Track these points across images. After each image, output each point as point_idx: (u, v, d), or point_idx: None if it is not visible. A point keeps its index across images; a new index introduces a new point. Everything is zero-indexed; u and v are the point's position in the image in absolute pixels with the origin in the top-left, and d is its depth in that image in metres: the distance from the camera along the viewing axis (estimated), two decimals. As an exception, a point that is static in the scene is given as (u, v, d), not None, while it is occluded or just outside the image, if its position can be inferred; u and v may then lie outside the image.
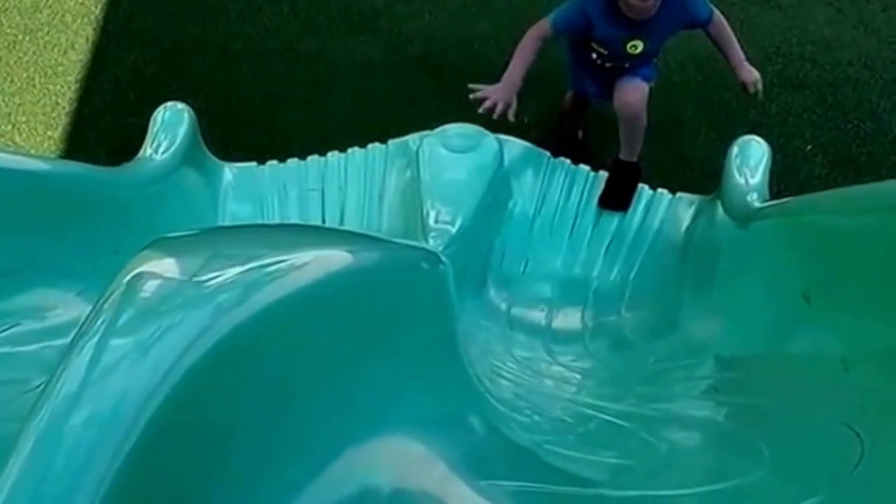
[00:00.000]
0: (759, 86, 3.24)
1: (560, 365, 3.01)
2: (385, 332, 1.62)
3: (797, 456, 1.74)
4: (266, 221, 3.37)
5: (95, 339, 1.20)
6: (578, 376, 2.96)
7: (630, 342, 3.15)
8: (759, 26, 4.02)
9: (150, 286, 1.30)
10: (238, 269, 1.38)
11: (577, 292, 3.36)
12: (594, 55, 3.31)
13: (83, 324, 1.23)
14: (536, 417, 2.31)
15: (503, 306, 3.32)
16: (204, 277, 1.34)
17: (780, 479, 1.68)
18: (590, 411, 2.53)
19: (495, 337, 3.13)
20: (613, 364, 3.05)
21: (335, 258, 1.57)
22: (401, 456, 1.52)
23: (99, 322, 1.22)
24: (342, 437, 1.45)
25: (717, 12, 3.28)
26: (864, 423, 1.68)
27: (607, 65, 3.32)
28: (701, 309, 2.97)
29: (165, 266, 1.37)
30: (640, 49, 3.23)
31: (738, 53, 3.27)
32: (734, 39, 3.29)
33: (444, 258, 1.89)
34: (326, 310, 1.48)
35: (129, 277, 1.31)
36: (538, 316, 3.30)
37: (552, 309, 3.32)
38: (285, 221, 3.38)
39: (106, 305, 1.25)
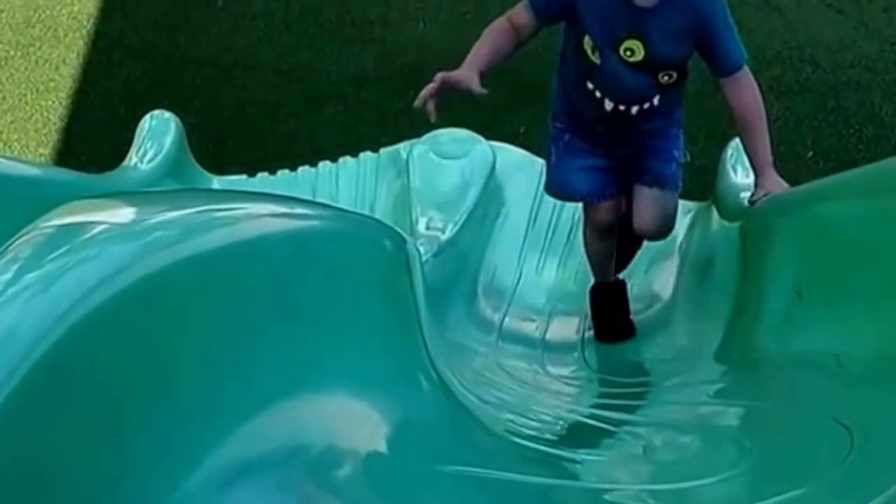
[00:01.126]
0: None
1: (553, 376, 2.94)
2: (335, 299, 1.56)
3: (783, 451, 1.69)
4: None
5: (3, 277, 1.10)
6: (573, 388, 2.89)
7: (626, 352, 3.08)
8: (759, 29, 3.95)
9: (75, 225, 1.21)
10: (182, 213, 1.31)
11: (572, 304, 3.28)
12: (589, 84, 2.64)
13: None
14: (521, 419, 2.23)
15: (495, 318, 3.24)
16: (138, 218, 1.26)
17: (764, 472, 1.62)
18: (581, 419, 2.46)
19: (486, 348, 3.05)
20: (609, 374, 2.98)
21: (291, 217, 1.52)
22: (338, 415, 1.45)
23: (6, 259, 1.13)
24: (279, 390, 1.37)
25: (746, 70, 2.62)
26: (855, 417, 1.63)
27: (607, 105, 2.66)
28: (696, 316, 2.92)
29: (97, 211, 1.28)
30: (637, 55, 2.58)
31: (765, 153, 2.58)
32: (764, 129, 2.59)
33: (410, 242, 1.85)
34: (272, 264, 1.42)
35: (52, 219, 1.21)
36: (531, 327, 3.22)
37: (546, 321, 3.24)
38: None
39: (18, 242, 1.16)
